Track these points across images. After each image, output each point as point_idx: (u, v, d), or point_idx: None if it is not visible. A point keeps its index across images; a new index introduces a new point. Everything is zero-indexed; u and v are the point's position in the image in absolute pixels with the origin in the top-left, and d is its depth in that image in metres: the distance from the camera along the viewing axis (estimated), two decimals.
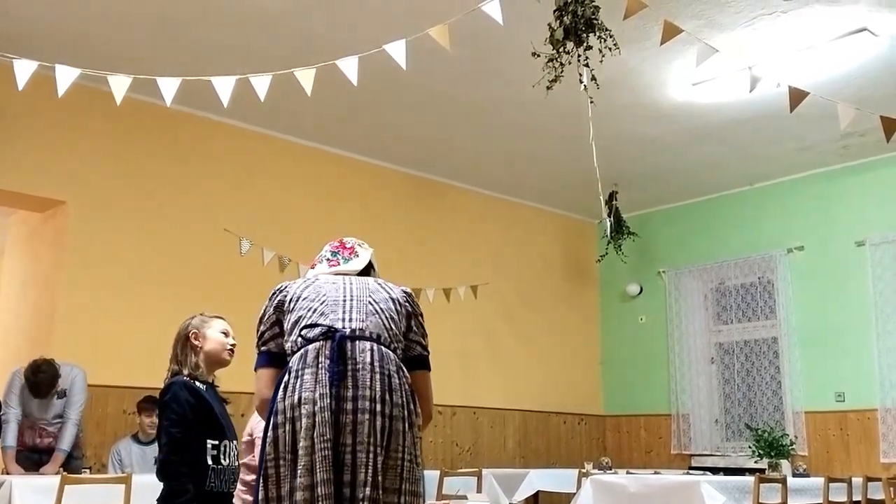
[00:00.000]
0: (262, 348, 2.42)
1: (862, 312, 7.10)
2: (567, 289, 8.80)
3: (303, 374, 2.22)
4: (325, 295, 2.38)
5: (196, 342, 2.91)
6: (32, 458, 4.96)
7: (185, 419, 2.74)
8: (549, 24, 3.74)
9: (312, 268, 2.58)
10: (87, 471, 4.91)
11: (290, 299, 2.40)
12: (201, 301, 6.10)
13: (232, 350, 2.97)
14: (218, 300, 6.11)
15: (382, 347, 2.30)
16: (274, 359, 2.39)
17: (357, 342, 2.27)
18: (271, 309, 2.42)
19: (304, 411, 2.16)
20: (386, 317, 2.37)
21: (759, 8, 4.85)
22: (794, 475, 6.05)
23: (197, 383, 2.85)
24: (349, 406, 2.18)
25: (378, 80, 5.16)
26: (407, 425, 2.26)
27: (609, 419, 8.82)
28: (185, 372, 2.86)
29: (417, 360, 2.44)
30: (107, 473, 5.01)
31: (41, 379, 4.86)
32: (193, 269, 6.07)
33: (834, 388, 7.21)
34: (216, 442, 2.79)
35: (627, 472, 6.53)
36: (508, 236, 8.32)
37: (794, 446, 6.80)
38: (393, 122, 6.58)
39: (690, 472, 7.05)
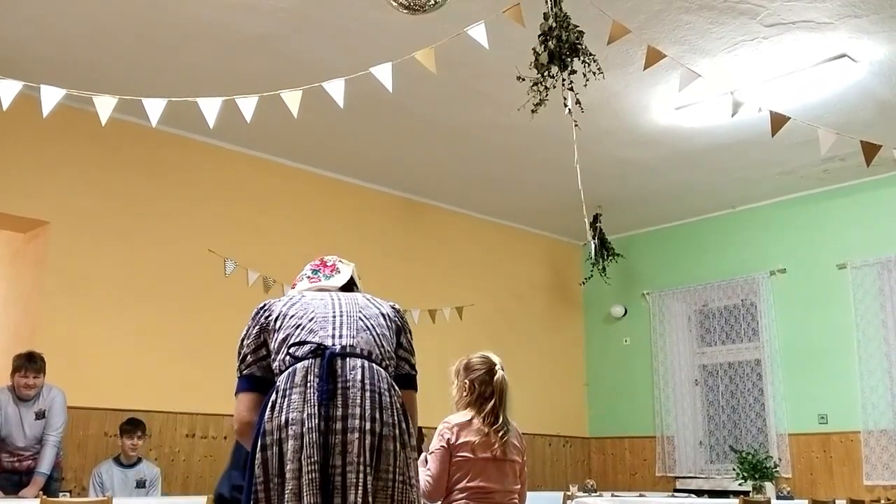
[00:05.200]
0: (245, 371, 2.33)
1: (844, 335, 7.14)
2: (552, 310, 8.81)
3: (290, 394, 2.14)
4: (313, 311, 2.31)
5: None
6: (12, 481, 4.88)
7: None
8: (534, 49, 3.77)
9: (293, 287, 2.54)
10: (67, 494, 4.85)
11: (277, 317, 2.32)
12: (185, 323, 6.11)
13: None
14: (202, 322, 6.10)
15: (374, 365, 2.23)
16: (256, 383, 2.30)
17: (347, 359, 2.20)
18: (255, 329, 2.34)
19: (291, 432, 2.09)
20: (377, 333, 2.31)
21: (741, 34, 4.92)
22: (779, 497, 6.07)
23: None
24: (338, 426, 2.11)
25: (364, 102, 5.18)
26: (399, 445, 2.18)
27: (594, 441, 8.80)
28: None
29: (405, 379, 2.38)
30: (87, 497, 4.95)
31: (35, 355, 4.91)
32: (177, 290, 6.04)
33: (817, 411, 7.23)
34: None
35: (612, 495, 6.52)
36: (493, 258, 8.33)
37: (777, 468, 6.82)
38: (379, 145, 6.59)
39: (675, 494, 7.05)
